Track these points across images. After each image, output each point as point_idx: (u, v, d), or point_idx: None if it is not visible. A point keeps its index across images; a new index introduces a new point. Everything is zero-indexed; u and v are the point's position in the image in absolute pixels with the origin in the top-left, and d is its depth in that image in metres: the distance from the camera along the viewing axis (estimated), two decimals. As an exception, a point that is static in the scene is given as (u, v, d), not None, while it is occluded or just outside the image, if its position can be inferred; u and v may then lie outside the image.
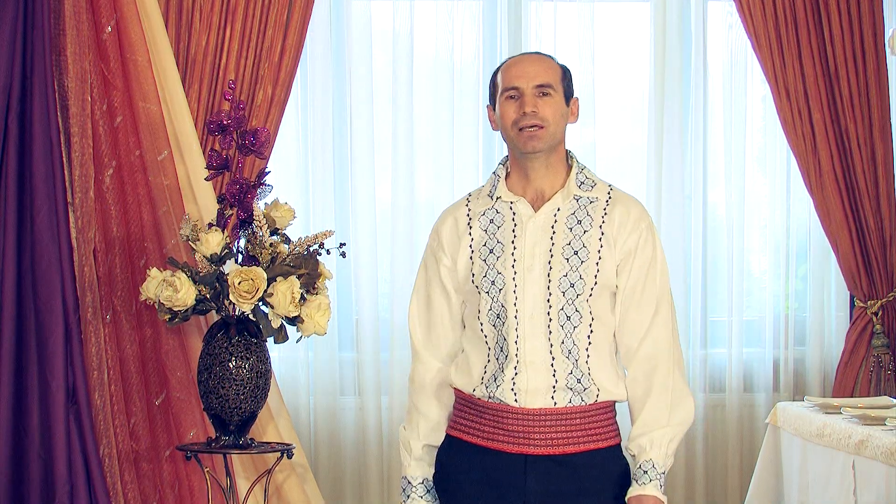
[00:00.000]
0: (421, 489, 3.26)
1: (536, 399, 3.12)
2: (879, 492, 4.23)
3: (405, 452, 3.29)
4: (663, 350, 3.17)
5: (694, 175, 5.52)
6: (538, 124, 3.14)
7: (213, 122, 4.44)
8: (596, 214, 3.17)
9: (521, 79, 3.16)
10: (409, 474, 3.27)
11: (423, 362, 3.29)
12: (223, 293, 4.28)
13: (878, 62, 5.38)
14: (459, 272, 3.21)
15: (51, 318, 4.65)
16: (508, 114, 3.17)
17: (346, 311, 5.39)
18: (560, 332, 3.12)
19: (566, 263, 3.13)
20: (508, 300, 3.14)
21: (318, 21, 5.28)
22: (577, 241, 3.15)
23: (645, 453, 3.14)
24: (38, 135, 4.70)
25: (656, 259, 3.19)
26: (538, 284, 3.13)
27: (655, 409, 3.15)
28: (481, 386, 3.16)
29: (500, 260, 3.16)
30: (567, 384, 3.12)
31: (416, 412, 3.28)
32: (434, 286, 3.26)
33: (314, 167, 5.35)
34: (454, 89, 5.41)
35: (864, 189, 5.37)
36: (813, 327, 5.57)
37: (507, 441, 3.14)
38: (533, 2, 5.44)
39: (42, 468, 4.67)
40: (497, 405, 3.14)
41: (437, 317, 3.27)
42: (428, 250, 3.29)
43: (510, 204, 3.20)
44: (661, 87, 5.44)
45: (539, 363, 3.12)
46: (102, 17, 4.84)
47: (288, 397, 5.21)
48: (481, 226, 3.21)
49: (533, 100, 3.14)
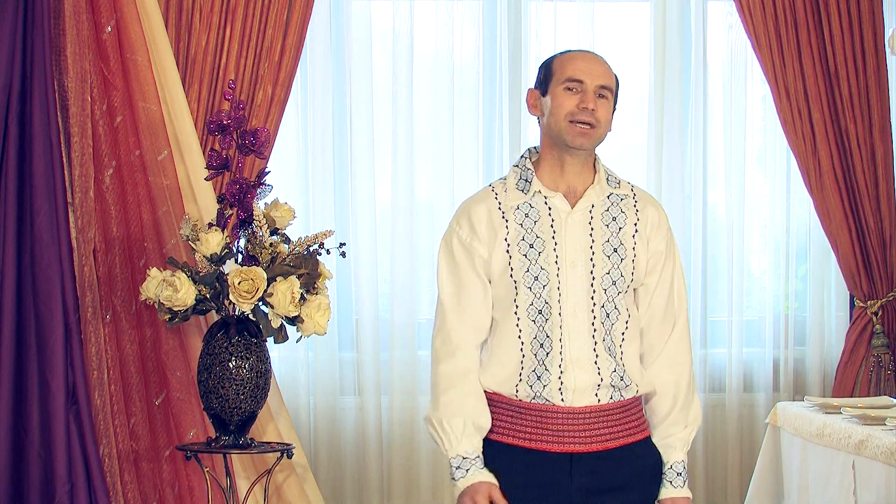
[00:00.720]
0: (479, 462, 3.12)
1: (583, 397, 3.12)
2: (879, 492, 4.23)
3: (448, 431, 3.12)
4: (686, 352, 3.24)
5: (694, 175, 5.52)
6: (592, 123, 3.14)
7: (213, 122, 4.44)
8: (629, 212, 3.21)
9: (586, 73, 3.15)
10: (462, 450, 3.11)
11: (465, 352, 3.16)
12: (223, 293, 4.28)
13: (878, 62, 5.38)
14: (494, 265, 3.16)
15: (51, 318, 4.65)
16: (565, 104, 3.15)
17: (346, 311, 5.39)
18: (602, 329, 3.14)
19: (608, 260, 3.15)
20: (552, 296, 3.13)
21: (318, 21, 5.28)
22: (615, 239, 3.17)
23: (675, 454, 3.20)
24: (38, 135, 4.70)
25: (677, 264, 3.26)
26: (582, 281, 3.13)
27: (680, 411, 3.22)
28: (523, 384, 3.13)
29: (542, 255, 3.14)
30: (611, 381, 3.14)
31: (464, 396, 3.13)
32: (469, 275, 3.18)
33: (314, 167, 5.34)
34: (454, 89, 5.40)
35: (864, 189, 5.37)
36: (813, 327, 5.57)
37: (552, 441, 3.13)
38: (533, 2, 5.44)
39: (42, 468, 4.67)
40: (541, 405, 3.13)
41: (473, 306, 3.18)
42: (455, 242, 3.19)
43: (545, 198, 3.18)
44: (661, 87, 5.44)
45: (584, 361, 3.12)
46: (102, 17, 4.84)
47: (288, 397, 5.21)
48: (516, 219, 3.17)
49: (594, 98, 3.14)
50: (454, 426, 3.13)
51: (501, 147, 5.43)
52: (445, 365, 3.17)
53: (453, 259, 3.20)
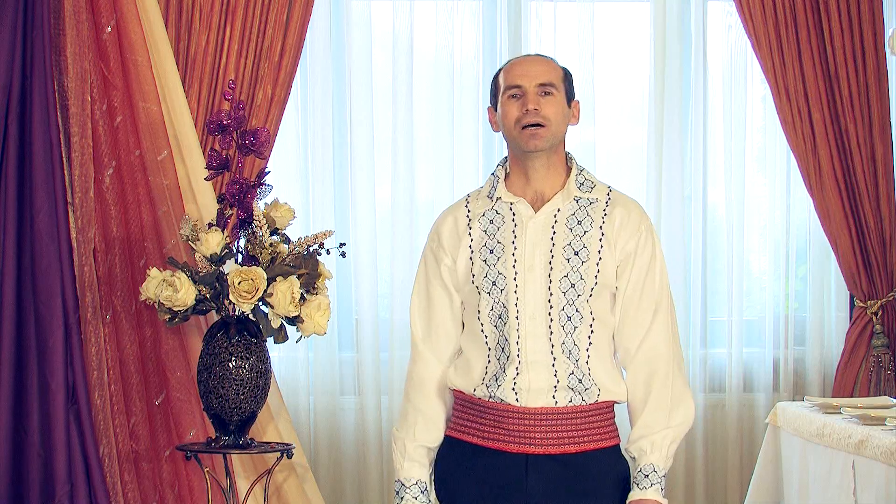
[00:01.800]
0: (415, 490, 3.23)
1: (538, 398, 3.12)
2: (879, 492, 4.23)
3: (398, 454, 3.25)
4: (662, 352, 3.18)
5: (694, 175, 5.52)
6: (540, 122, 3.14)
7: (213, 122, 4.44)
8: (596, 215, 3.18)
9: (523, 77, 3.17)
10: (403, 476, 3.24)
11: (425, 361, 3.28)
12: (223, 293, 4.28)
13: (878, 62, 5.38)
14: (459, 272, 3.21)
15: (51, 318, 4.65)
16: (511, 112, 3.17)
17: (346, 311, 5.39)
18: (561, 332, 3.13)
19: (567, 264, 3.14)
20: (510, 300, 3.14)
21: (318, 21, 5.28)
22: (577, 242, 3.16)
23: (646, 456, 3.14)
24: (38, 135, 4.70)
25: (655, 261, 3.20)
26: (539, 284, 3.13)
27: (655, 412, 3.16)
28: (482, 386, 3.16)
29: (500, 260, 3.16)
30: (568, 384, 3.13)
31: (415, 411, 3.26)
32: (435, 286, 3.25)
33: (314, 167, 5.34)
34: (454, 89, 5.40)
35: (864, 189, 5.37)
36: (813, 327, 5.57)
37: (508, 441, 3.14)
38: (533, 2, 5.44)
39: (42, 468, 4.67)
40: (498, 405, 3.14)
41: (438, 316, 3.26)
42: (427, 250, 3.28)
43: (510, 205, 3.20)
44: (661, 87, 5.44)
45: (540, 363, 3.12)
46: (102, 17, 4.84)
47: (288, 397, 5.21)
48: (481, 226, 3.21)
49: (535, 98, 3.15)
50: (401, 449, 3.25)
51: (501, 147, 5.42)
52: (408, 376, 3.31)
53: (425, 269, 3.29)
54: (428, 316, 3.27)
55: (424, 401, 3.26)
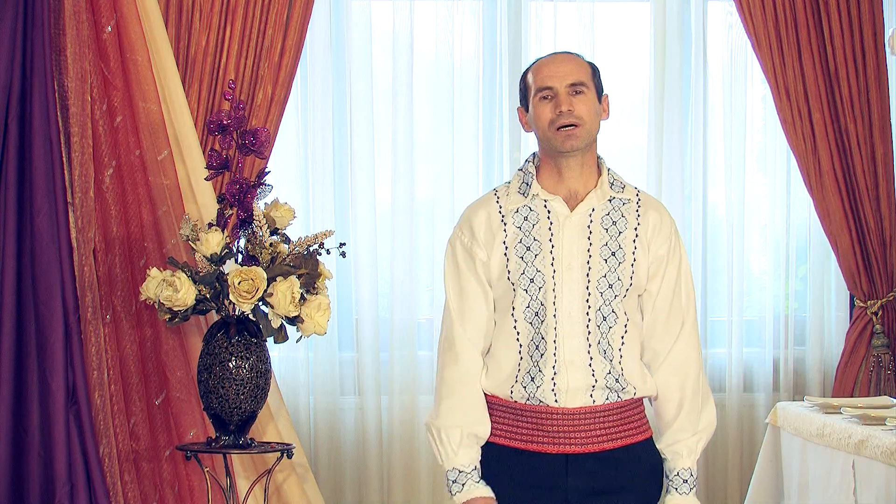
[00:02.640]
0: (476, 475, 3.16)
1: (577, 398, 3.13)
2: (879, 492, 4.23)
3: (445, 442, 3.16)
4: (693, 357, 3.24)
5: (694, 175, 5.52)
6: (575, 122, 3.15)
7: (213, 122, 4.44)
8: (630, 216, 3.20)
9: (553, 78, 3.17)
10: (458, 463, 3.15)
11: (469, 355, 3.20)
12: (223, 293, 4.28)
13: (878, 62, 5.38)
14: (493, 268, 3.19)
15: (51, 318, 4.65)
16: (544, 114, 3.17)
17: (346, 311, 5.39)
18: (597, 332, 3.15)
19: (605, 264, 3.16)
20: (548, 298, 3.14)
21: (318, 21, 5.28)
22: (613, 242, 3.18)
23: (681, 461, 3.20)
24: (38, 135, 4.70)
25: (683, 267, 3.25)
26: (578, 284, 3.14)
27: (688, 416, 3.21)
28: (517, 385, 3.15)
29: (538, 258, 3.16)
30: (606, 383, 3.15)
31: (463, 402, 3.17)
32: (470, 280, 3.22)
33: (314, 167, 5.34)
34: (454, 89, 5.40)
35: (864, 189, 5.37)
36: (813, 327, 5.57)
37: (548, 441, 3.14)
38: (533, 2, 5.44)
39: (42, 468, 4.67)
40: (536, 407, 3.14)
41: (475, 311, 3.21)
42: (458, 245, 3.24)
43: (545, 202, 3.20)
44: (661, 87, 5.44)
45: (578, 363, 3.13)
46: (102, 17, 4.84)
47: (288, 397, 5.21)
48: (515, 222, 3.19)
49: (567, 98, 3.15)
50: (451, 437, 3.16)
51: (501, 147, 5.43)
52: (448, 371, 3.21)
53: (456, 265, 3.24)
54: (464, 311, 3.22)
55: (472, 394, 3.19)
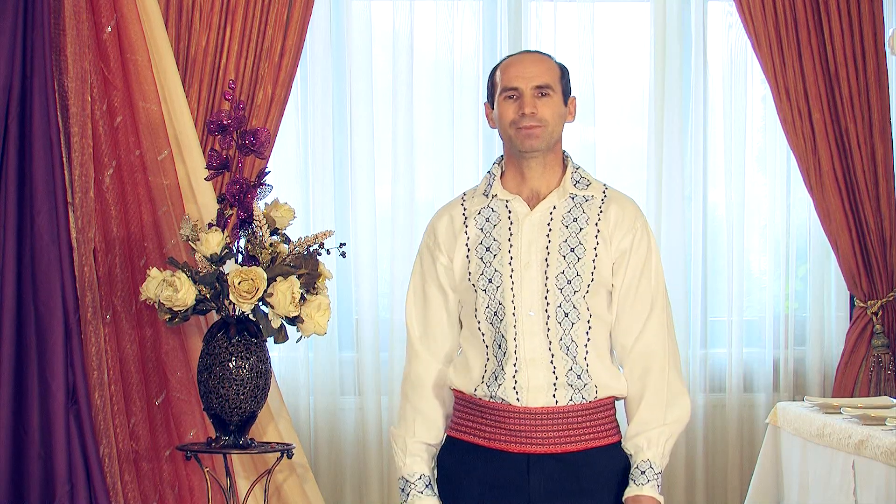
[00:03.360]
0: (420, 484, 3.21)
1: (538, 397, 3.12)
2: (879, 492, 4.23)
3: (399, 452, 3.24)
4: (658, 349, 3.18)
5: (694, 175, 5.52)
6: (536, 124, 3.15)
7: (213, 122, 4.44)
8: (592, 212, 3.18)
9: (519, 79, 3.16)
10: (406, 472, 3.22)
11: (422, 360, 3.27)
12: (223, 293, 4.28)
13: (878, 62, 5.38)
14: (456, 271, 3.22)
15: (51, 318, 4.65)
16: (507, 114, 3.17)
17: (346, 311, 5.39)
18: (558, 328, 3.13)
19: (563, 260, 3.14)
20: (506, 298, 3.14)
21: (318, 21, 5.28)
22: (573, 239, 3.16)
23: (642, 453, 3.14)
24: (38, 135, 4.70)
25: (651, 258, 3.20)
26: (536, 282, 3.14)
27: (651, 409, 3.16)
28: (482, 385, 3.16)
29: (496, 258, 3.16)
30: (567, 381, 3.13)
31: (413, 410, 3.25)
32: (431, 285, 3.26)
33: (314, 167, 5.34)
34: (454, 89, 5.40)
35: (864, 189, 5.37)
36: (813, 327, 5.57)
37: (510, 441, 3.14)
38: (533, 2, 5.44)
39: (42, 468, 4.67)
40: (499, 405, 3.14)
41: (434, 315, 3.26)
42: (423, 249, 3.28)
43: (506, 202, 3.20)
44: (661, 87, 5.44)
45: (539, 360, 3.12)
46: (102, 17, 4.84)
47: (288, 397, 5.21)
48: (477, 224, 3.21)
49: (532, 100, 3.15)
50: (400, 446, 3.23)
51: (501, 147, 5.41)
52: (404, 375, 3.30)
53: (421, 268, 3.30)
54: (424, 315, 3.28)
55: (422, 400, 3.25)
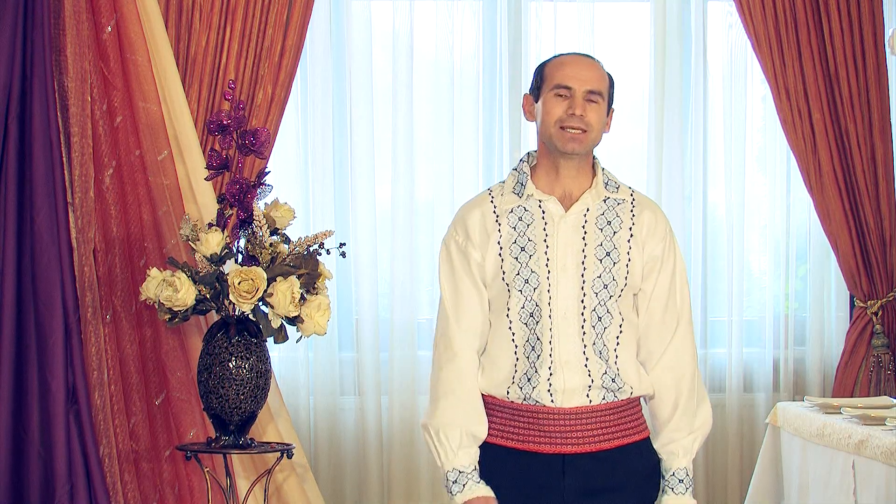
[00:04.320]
0: (476, 475, 3.15)
1: (573, 398, 3.13)
2: (879, 492, 4.23)
3: (443, 443, 3.15)
4: (688, 356, 3.23)
5: (694, 175, 5.53)
6: (582, 128, 3.15)
7: (213, 122, 4.44)
8: (624, 216, 3.20)
9: (574, 80, 3.16)
10: (458, 464, 3.14)
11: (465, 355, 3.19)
12: (223, 293, 4.28)
13: (878, 62, 5.38)
14: (488, 268, 3.19)
15: (51, 318, 4.65)
16: (555, 111, 3.16)
17: (346, 311, 5.39)
18: (592, 332, 3.15)
19: (599, 264, 3.15)
20: (543, 299, 3.14)
21: (318, 21, 5.28)
22: (608, 243, 3.17)
23: (677, 461, 3.20)
24: (38, 135, 4.70)
25: (678, 266, 3.24)
26: (572, 284, 3.14)
27: (684, 416, 3.21)
28: (514, 386, 3.15)
29: (532, 258, 3.16)
30: (602, 383, 3.15)
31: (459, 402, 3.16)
32: (465, 281, 3.21)
33: (314, 167, 5.35)
34: (454, 89, 5.41)
35: (864, 189, 5.37)
36: (813, 327, 5.57)
37: (544, 442, 3.14)
38: (533, 2, 5.44)
39: (42, 468, 4.67)
40: (532, 406, 3.14)
41: (470, 311, 3.21)
42: (452, 246, 3.23)
43: (539, 202, 3.19)
44: (661, 87, 5.44)
45: (574, 363, 3.13)
46: (102, 17, 4.84)
47: (288, 397, 5.21)
48: (509, 223, 3.19)
49: (582, 103, 3.15)
50: (450, 438, 3.15)
51: (501, 147, 5.43)
52: (445, 370, 3.20)
53: (451, 265, 3.24)
54: (459, 311, 3.21)
55: (470, 393, 3.18)
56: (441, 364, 3.21)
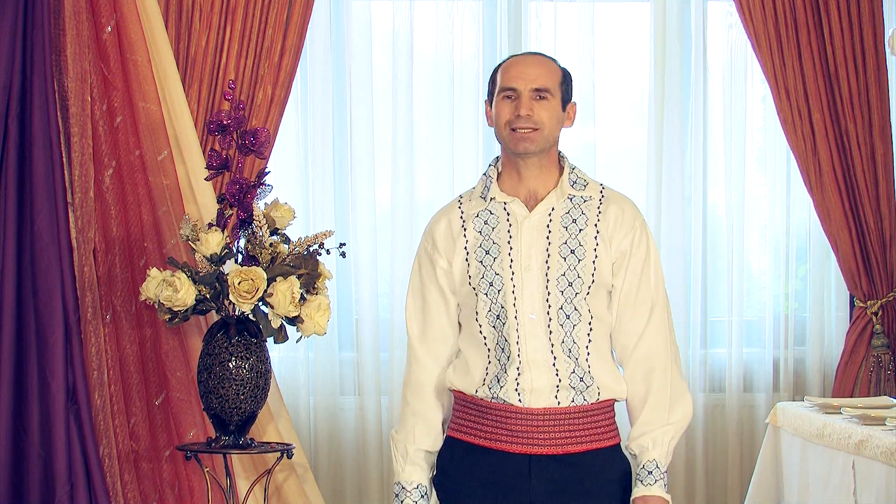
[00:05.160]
0: (416, 494, 3.22)
1: (540, 399, 3.12)
2: (879, 492, 4.23)
3: (398, 457, 3.25)
4: (660, 349, 3.18)
5: (694, 175, 5.52)
6: (532, 126, 3.13)
7: (213, 122, 4.44)
8: (590, 213, 3.18)
9: (518, 80, 3.15)
10: (404, 479, 3.23)
11: (422, 365, 3.27)
12: (223, 293, 4.28)
13: (878, 62, 5.38)
14: (455, 274, 3.21)
15: (51, 318, 4.65)
16: (503, 114, 3.16)
17: (346, 311, 5.39)
18: (560, 330, 3.13)
19: (563, 262, 3.14)
20: (508, 301, 3.14)
21: (318, 21, 5.28)
22: (573, 240, 3.15)
23: (647, 453, 3.15)
24: (38, 135, 4.70)
25: (650, 259, 3.20)
26: (537, 284, 3.13)
27: (655, 409, 3.16)
28: (483, 387, 3.16)
29: (496, 261, 3.16)
30: (570, 383, 3.13)
31: (413, 415, 3.25)
32: (430, 289, 3.26)
33: (314, 167, 5.35)
34: (454, 89, 5.41)
35: (864, 189, 5.37)
36: (813, 327, 5.57)
37: (511, 441, 3.14)
38: (533, 2, 5.44)
39: (42, 468, 4.67)
40: (500, 405, 3.14)
41: (434, 319, 3.26)
42: (422, 252, 3.28)
43: (504, 204, 3.19)
44: (661, 87, 5.44)
45: (541, 362, 3.12)
46: (102, 17, 4.84)
47: (288, 397, 5.21)
48: (475, 227, 3.20)
49: (529, 102, 3.14)
50: (400, 451, 3.25)
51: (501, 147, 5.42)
52: (405, 381, 3.31)
53: (419, 272, 3.30)
54: (423, 319, 3.28)
55: (422, 404, 3.25)
56: (406, 377, 3.32)
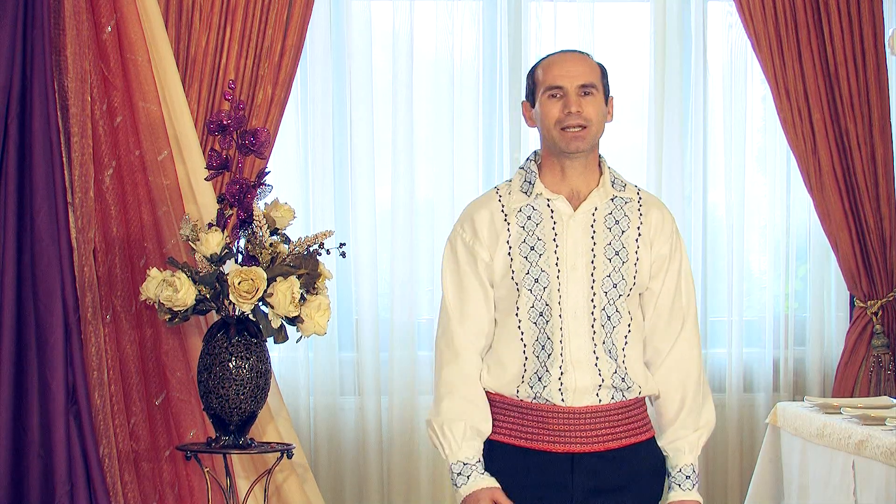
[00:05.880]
0: (480, 466, 3.14)
1: (583, 398, 3.14)
2: (879, 492, 4.23)
3: (448, 436, 3.14)
4: (694, 355, 3.26)
5: (694, 175, 5.53)
6: (582, 124, 3.15)
7: (213, 122, 4.44)
8: (633, 215, 3.21)
9: (564, 78, 3.16)
10: (463, 456, 3.13)
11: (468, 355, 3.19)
12: (223, 293, 4.28)
13: (878, 62, 5.38)
14: (496, 268, 3.19)
15: (51, 318, 4.65)
16: (552, 113, 3.16)
17: (346, 311, 5.39)
18: (602, 331, 3.15)
19: (609, 263, 3.16)
20: (553, 298, 3.14)
21: (318, 21, 5.28)
22: (616, 242, 3.18)
23: (683, 457, 3.21)
24: (38, 135, 4.70)
25: (684, 265, 3.26)
26: (582, 283, 3.14)
27: (690, 415, 3.23)
28: (524, 385, 3.15)
29: (542, 258, 3.16)
30: (612, 383, 3.16)
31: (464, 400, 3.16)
32: (471, 280, 3.21)
33: (314, 167, 5.34)
34: (454, 89, 5.40)
35: (864, 189, 5.37)
36: (813, 327, 5.57)
37: (553, 441, 3.14)
38: (533, 2, 5.44)
39: (42, 468, 4.67)
40: (543, 405, 3.14)
41: (474, 311, 3.21)
42: (459, 244, 3.23)
43: (548, 201, 3.19)
44: (661, 87, 5.44)
45: (584, 362, 3.14)
46: (102, 17, 4.84)
47: (288, 397, 5.21)
48: (518, 222, 3.19)
49: (577, 99, 3.15)
50: (454, 431, 3.15)
51: (501, 147, 5.43)
52: (448, 369, 3.19)
53: (457, 263, 3.22)
54: (464, 311, 3.21)
55: (473, 391, 3.18)
56: (443, 363, 3.20)
